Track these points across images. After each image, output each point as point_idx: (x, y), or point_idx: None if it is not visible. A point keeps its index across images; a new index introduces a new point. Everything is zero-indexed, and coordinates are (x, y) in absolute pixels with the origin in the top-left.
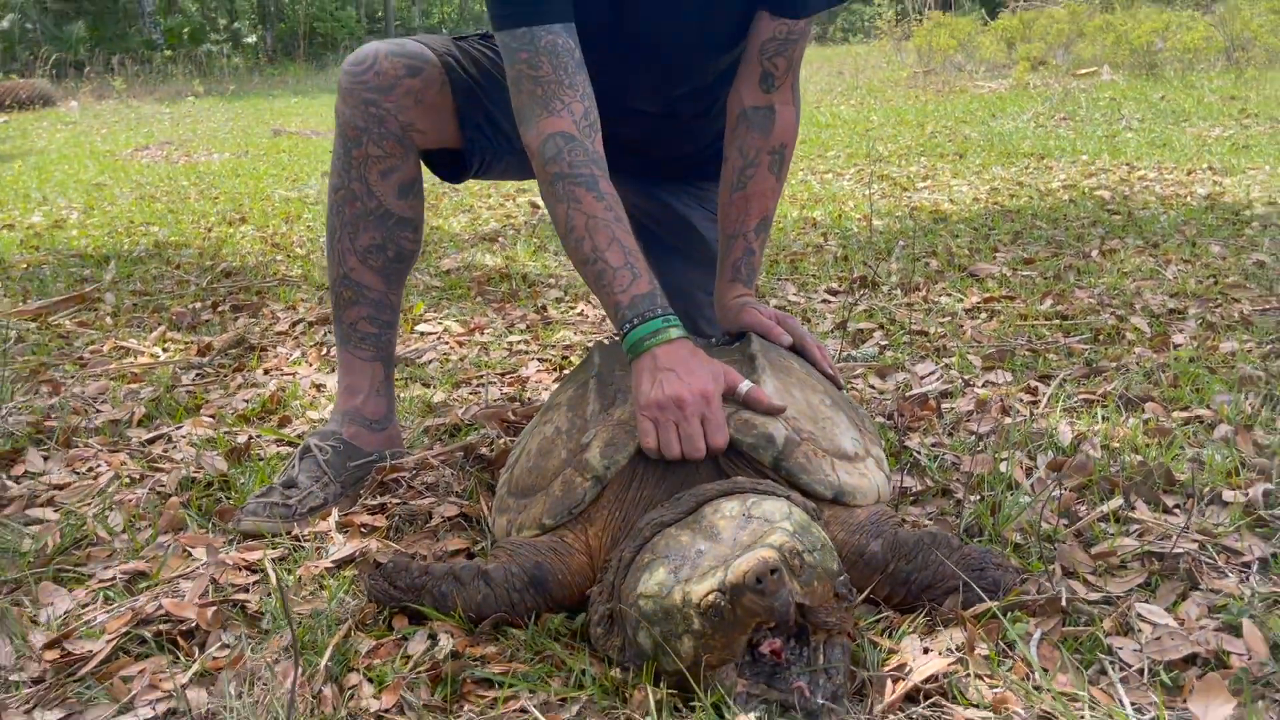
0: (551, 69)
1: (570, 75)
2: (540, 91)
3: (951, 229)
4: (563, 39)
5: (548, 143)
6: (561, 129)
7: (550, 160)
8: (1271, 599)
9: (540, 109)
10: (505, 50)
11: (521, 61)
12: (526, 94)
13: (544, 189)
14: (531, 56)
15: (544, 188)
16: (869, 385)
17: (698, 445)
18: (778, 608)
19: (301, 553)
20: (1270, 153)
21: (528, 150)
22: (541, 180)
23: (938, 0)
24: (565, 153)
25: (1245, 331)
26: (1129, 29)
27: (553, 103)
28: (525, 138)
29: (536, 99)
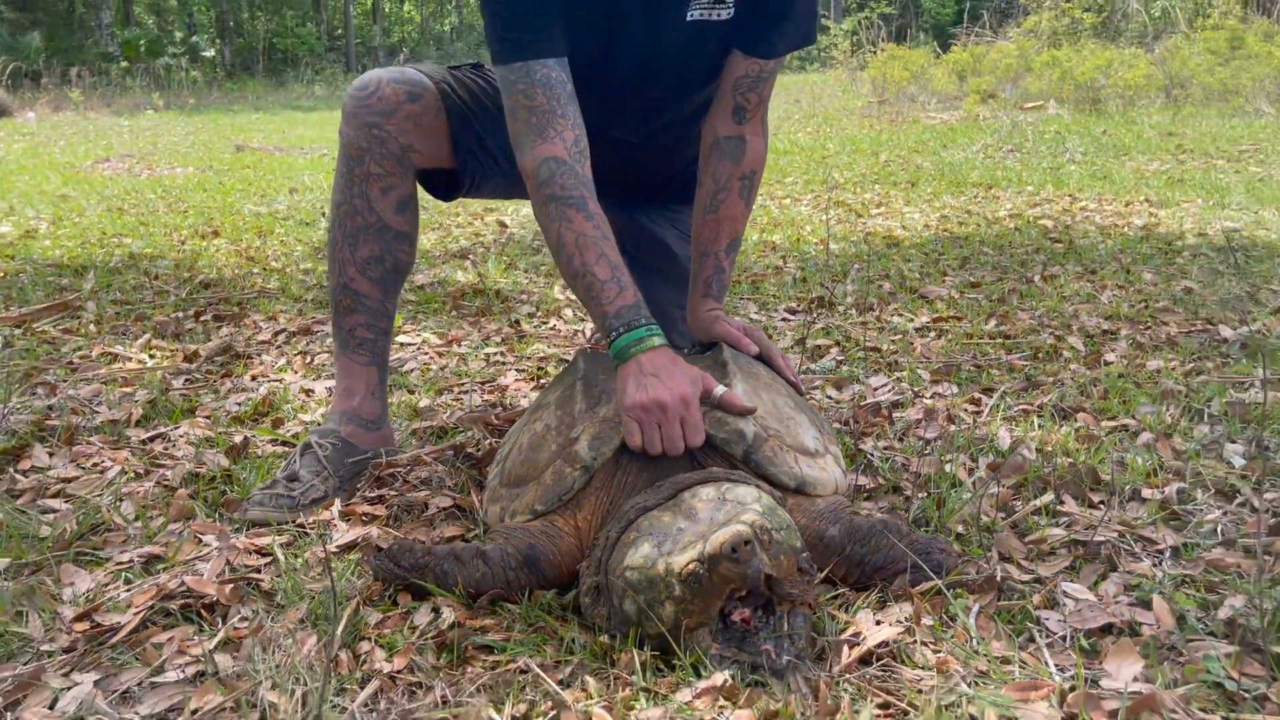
0: (546, 100)
1: (563, 106)
2: (535, 120)
3: (903, 254)
4: (556, 72)
5: (542, 166)
6: (555, 154)
7: (545, 183)
8: (1179, 579)
9: (536, 136)
10: (503, 81)
11: (519, 92)
12: (523, 122)
13: (538, 208)
14: (528, 88)
15: (538, 207)
16: (827, 395)
17: (678, 444)
18: (750, 575)
19: (307, 539)
20: (1203, 187)
21: (523, 172)
22: (535, 200)
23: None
24: (558, 176)
25: (1171, 351)
26: (1074, 65)
27: (547, 130)
28: (521, 161)
29: (532, 127)
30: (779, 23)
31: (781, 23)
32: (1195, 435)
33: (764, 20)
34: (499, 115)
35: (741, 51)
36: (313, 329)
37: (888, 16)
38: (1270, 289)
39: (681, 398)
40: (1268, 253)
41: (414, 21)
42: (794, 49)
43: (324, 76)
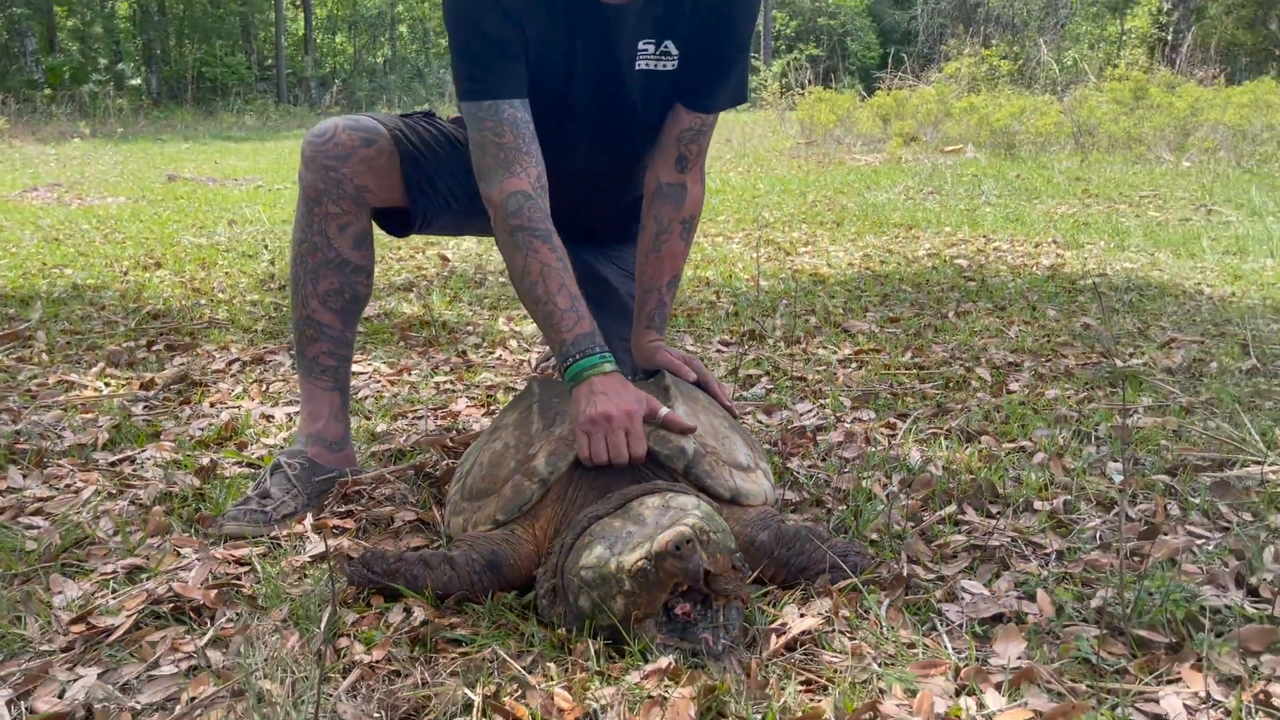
0: (513, 137)
1: (527, 144)
2: (503, 156)
3: (829, 290)
4: (521, 113)
5: (510, 200)
6: (521, 189)
7: (512, 214)
8: (1061, 576)
9: (503, 171)
10: (471, 118)
11: (487, 129)
12: (490, 157)
13: (503, 237)
14: (496, 125)
15: (504, 236)
16: (758, 420)
17: (622, 454)
18: (691, 570)
19: (281, 550)
20: (1106, 230)
21: (489, 203)
22: (501, 230)
23: (819, 74)
24: (525, 209)
25: (1068, 381)
26: (990, 112)
27: (514, 166)
28: (487, 193)
29: (499, 162)
30: (719, 81)
31: (721, 81)
32: (1083, 455)
33: (705, 77)
34: (448, 158)
35: (685, 106)
36: (265, 358)
37: (815, 58)
38: (1160, 325)
39: (626, 412)
40: (1159, 292)
41: (346, 53)
42: (731, 105)
43: (254, 107)
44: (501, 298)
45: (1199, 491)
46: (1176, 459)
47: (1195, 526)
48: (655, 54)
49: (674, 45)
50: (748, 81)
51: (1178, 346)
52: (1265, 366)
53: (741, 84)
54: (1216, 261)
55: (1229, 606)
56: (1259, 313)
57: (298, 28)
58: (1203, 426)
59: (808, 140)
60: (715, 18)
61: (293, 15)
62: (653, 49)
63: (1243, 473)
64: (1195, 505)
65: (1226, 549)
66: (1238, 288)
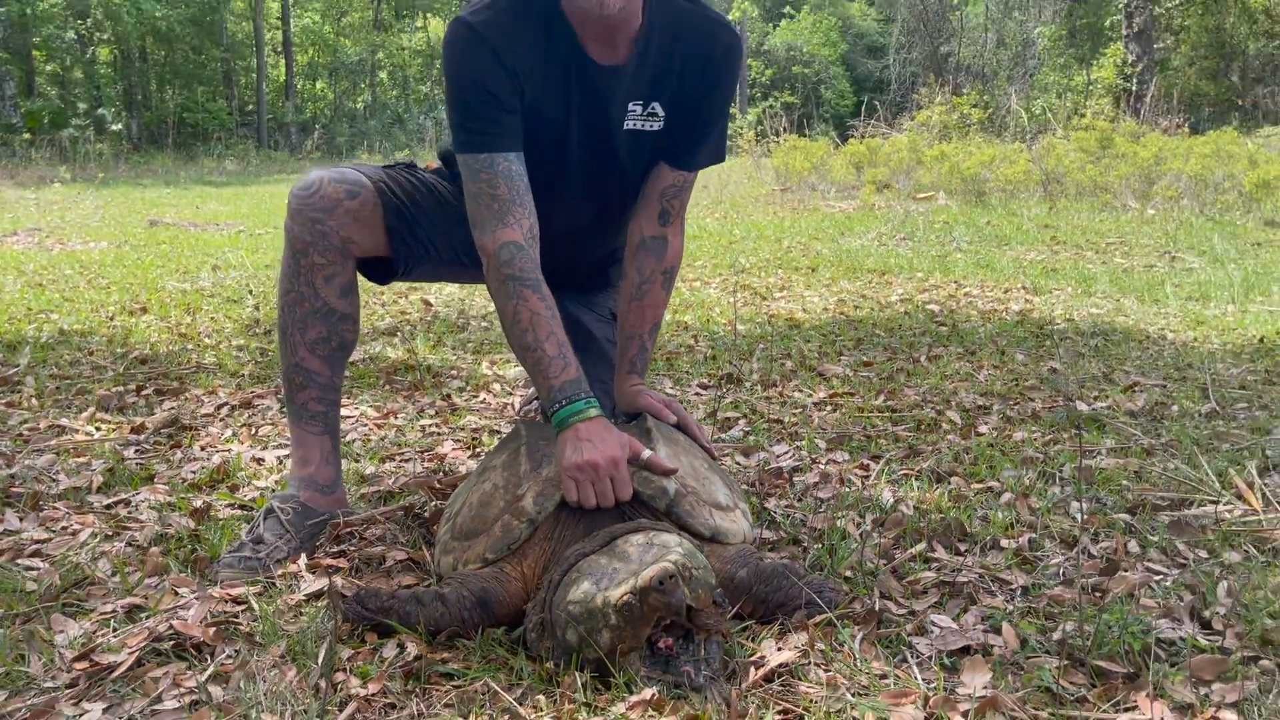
0: (507, 190)
1: (521, 196)
2: (497, 207)
3: (804, 335)
4: (516, 165)
5: (503, 249)
6: (514, 239)
7: (505, 264)
8: (1025, 610)
9: (497, 221)
10: (467, 169)
11: (483, 180)
12: (485, 207)
13: (495, 285)
14: (491, 178)
15: (496, 284)
16: (736, 461)
17: (609, 498)
18: (674, 604)
19: (277, 589)
20: (1072, 276)
21: (483, 252)
22: (493, 278)
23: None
24: (517, 259)
25: (1035, 424)
26: (961, 160)
27: (507, 217)
28: (481, 241)
29: (494, 212)
30: (700, 142)
31: (702, 142)
32: (1048, 495)
33: (687, 138)
34: (430, 209)
35: (667, 164)
36: (253, 402)
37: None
38: (1124, 370)
39: (611, 459)
40: (1124, 337)
41: (326, 99)
42: (710, 164)
43: (235, 152)
44: (484, 342)
45: (1158, 530)
46: (1137, 499)
47: (1153, 563)
48: (643, 114)
49: (660, 107)
50: (726, 142)
51: (1140, 390)
52: (1223, 410)
53: (720, 144)
54: (1179, 307)
55: (1183, 638)
56: (1219, 357)
57: (279, 74)
58: (1162, 468)
59: (783, 187)
60: (699, 83)
61: (274, 62)
62: (640, 110)
63: (1199, 512)
64: (1154, 543)
65: (1182, 584)
66: (1199, 333)
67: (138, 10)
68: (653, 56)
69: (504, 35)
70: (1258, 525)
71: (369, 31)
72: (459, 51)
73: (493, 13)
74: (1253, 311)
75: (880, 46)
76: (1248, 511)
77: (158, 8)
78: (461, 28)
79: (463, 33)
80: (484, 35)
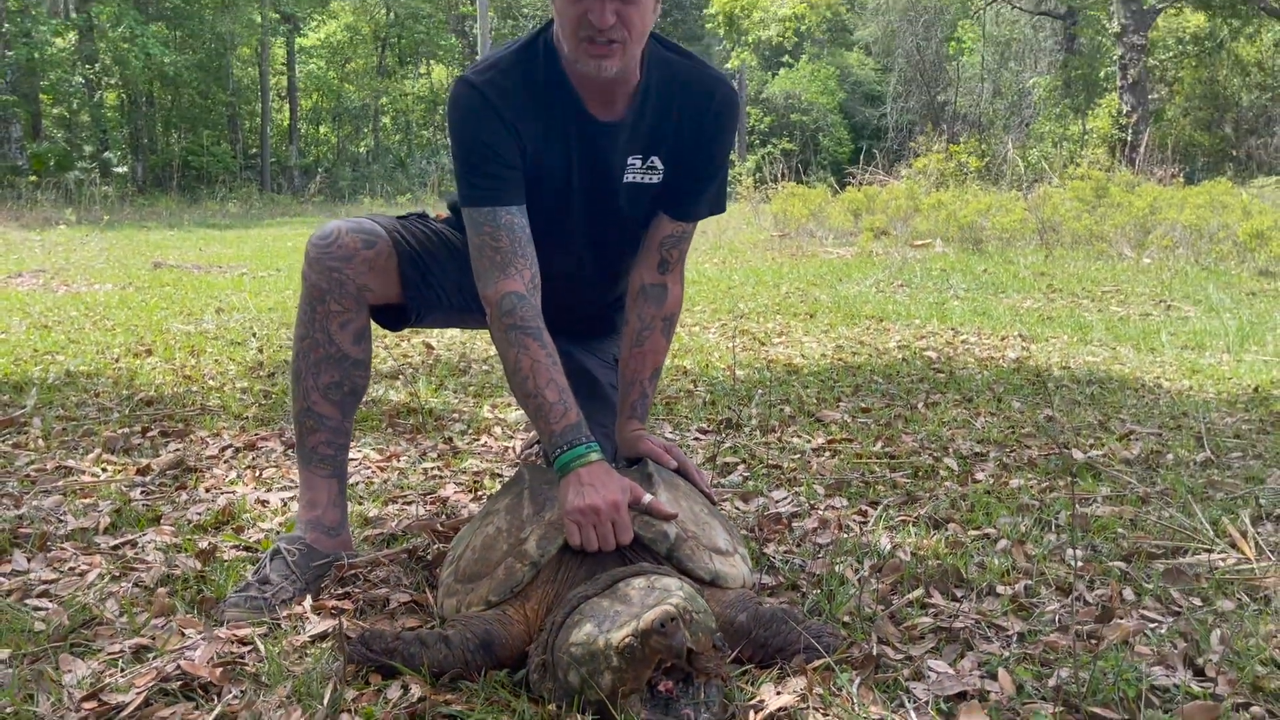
0: (509, 242)
1: (523, 247)
2: (499, 259)
3: (802, 380)
4: (518, 218)
5: (505, 299)
6: (515, 289)
7: (507, 313)
8: (1022, 656)
9: (499, 273)
10: (471, 222)
11: (485, 234)
12: (487, 259)
13: (497, 334)
14: (494, 230)
15: (498, 334)
16: (735, 506)
17: (610, 542)
18: (675, 647)
19: (282, 630)
20: (1069, 324)
21: (485, 302)
22: (496, 327)
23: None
24: (519, 308)
25: (1030, 471)
26: (958, 208)
27: (509, 268)
28: (484, 292)
29: (496, 264)
30: (699, 193)
31: (701, 194)
32: (1044, 542)
33: (687, 189)
34: (442, 258)
35: (667, 215)
36: (257, 444)
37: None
38: (1120, 418)
39: (613, 503)
40: (1120, 385)
41: (330, 143)
42: (709, 215)
43: (238, 195)
44: (486, 385)
45: (1152, 577)
46: (1132, 546)
47: (1148, 610)
48: (642, 168)
49: (659, 160)
50: (726, 193)
51: (1136, 438)
52: (1218, 459)
53: (720, 195)
54: (1175, 356)
55: (1177, 685)
56: (1214, 406)
57: (283, 118)
58: (1157, 516)
59: (781, 233)
60: (697, 136)
61: (278, 106)
62: (640, 163)
63: (1193, 560)
64: (1148, 590)
65: (1176, 631)
66: (1195, 381)
67: (146, 55)
68: (651, 112)
69: (506, 95)
70: (1250, 574)
71: (373, 77)
72: (463, 110)
73: (495, 72)
74: (1247, 361)
75: (878, 95)
76: (1241, 560)
77: (166, 53)
78: (466, 87)
79: (467, 92)
80: (487, 95)
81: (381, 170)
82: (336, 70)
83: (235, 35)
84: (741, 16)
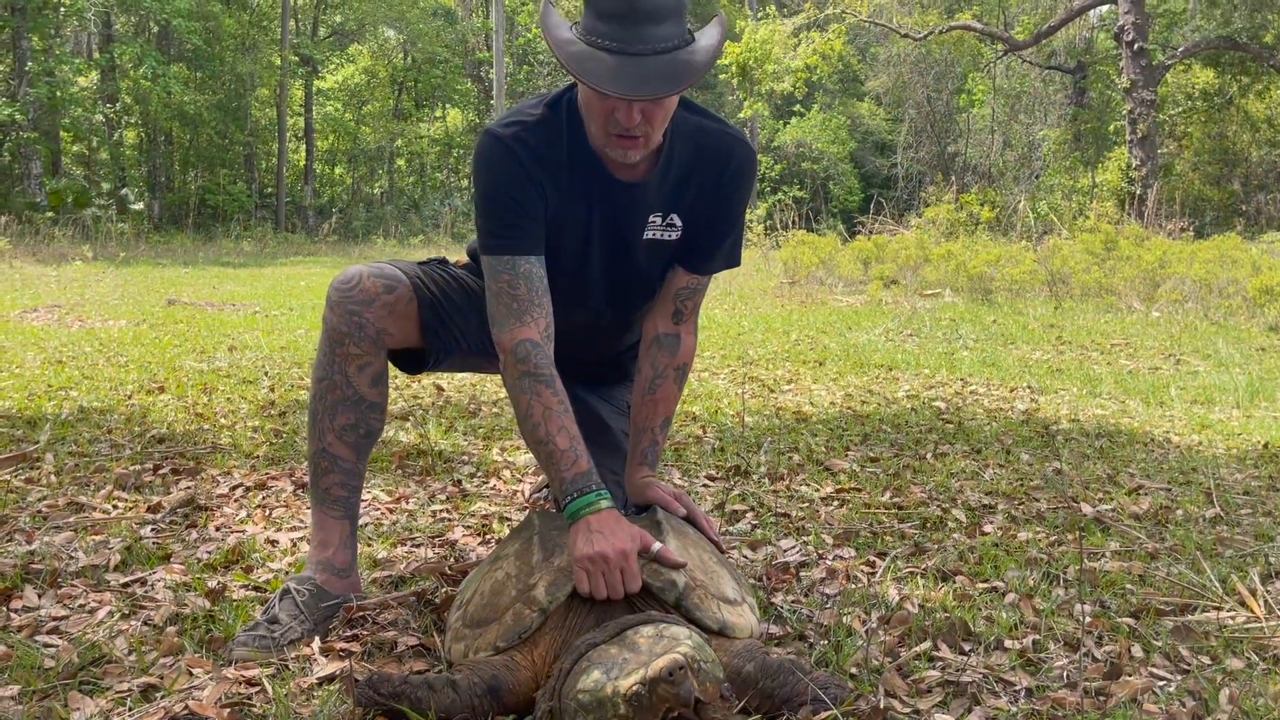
0: (526, 291)
1: (539, 296)
2: (517, 306)
3: (811, 428)
4: (537, 268)
5: (519, 346)
6: (531, 337)
7: (521, 360)
8: (1029, 712)
9: (515, 320)
10: (490, 269)
11: (504, 281)
12: (504, 306)
13: (511, 381)
14: (512, 279)
15: (512, 380)
16: (743, 554)
17: (618, 590)
18: (683, 695)
19: (290, 672)
20: (1078, 377)
21: (500, 348)
22: (510, 374)
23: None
24: (533, 355)
25: (1039, 524)
26: (967, 258)
27: (525, 316)
28: (499, 338)
29: (513, 311)
30: (715, 248)
31: (718, 249)
32: (1052, 597)
33: (704, 245)
34: (461, 304)
35: (684, 269)
36: (268, 484)
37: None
38: (1129, 472)
39: (621, 552)
40: (1129, 439)
41: (344, 184)
42: (724, 269)
43: (253, 234)
44: (495, 428)
45: (1161, 634)
46: (1141, 602)
47: (1157, 668)
48: (662, 225)
49: (678, 218)
50: (741, 247)
51: (1145, 493)
52: (1227, 515)
53: (735, 250)
54: (1184, 410)
55: None
56: (1223, 462)
57: (299, 159)
58: (1166, 572)
59: (791, 280)
60: (716, 195)
61: (295, 147)
62: (660, 221)
63: (1202, 618)
64: (1157, 648)
65: (1185, 690)
66: (1204, 436)
67: (167, 94)
68: (673, 172)
69: (531, 149)
70: (1260, 632)
71: (389, 120)
72: (488, 161)
73: (521, 127)
74: (1257, 416)
75: (888, 144)
76: (1250, 619)
77: (186, 93)
78: (492, 140)
79: (492, 144)
80: (512, 148)
81: (395, 212)
82: (353, 112)
83: (255, 76)
84: (754, 68)
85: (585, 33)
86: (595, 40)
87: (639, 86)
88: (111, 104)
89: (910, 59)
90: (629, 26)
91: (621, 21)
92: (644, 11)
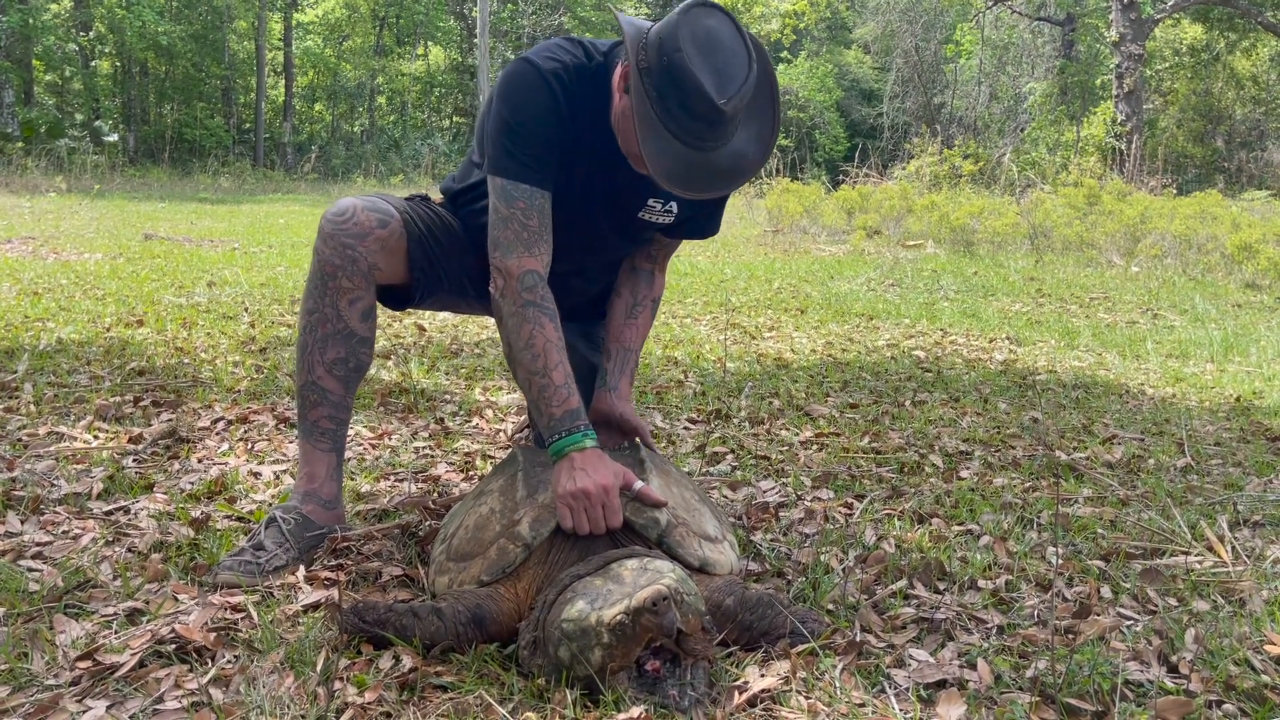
0: (538, 223)
1: (548, 231)
2: (527, 236)
3: (792, 375)
4: (548, 205)
5: (527, 275)
6: (536, 269)
7: (529, 289)
8: (1000, 648)
9: (524, 248)
10: (503, 193)
11: (518, 208)
12: (513, 233)
13: (513, 309)
14: (527, 208)
15: (513, 306)
16: (723, 495)
17: (600, 525)
18: (666, 625)
19: (275, 599)
20: (1056, 329)
21: (502, 273)
22: (512, 300)
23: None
24: (538, 286)
25: (1015, 471)
26: (950, 210)
27: (534, 248)
28: (503, 262)
29: (522, 240)
30: (700, 226)
31: (701, 225)
32: (1025, 540)
33: (690, 222)
34: (446, 243)
35: (665, 236)
36: (249, 418)
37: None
38: (1104, 422)
39: (604, 488)
40: (1105, 390)
41: (324, 121)
42: (701, 239)
43: (231, 169)
44: (478, 369)
45: (1130, 577)
46: (1111, 546)
47: (1125, 608)
48: (660, 210)
49: (676, 205)
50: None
51: (1119, 443)
52: (1198, 465)
53: (715, 223)
54: (1160, 364)
55: (1151, 681)
56: (1196, 414)
57: (278, 94)
58: (1137, 518)
59: (775, 229)
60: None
61: (274, 82)
62: (659, 207)
63: (1171, 562)
64: (1126, 589)
65: (1152, 630)
66: (1178, 389)
67: (141, 24)
68: None
69: (568, 92)
70: (1226, 577)
71: (369, 56)
72: (522, 85)
73: (562, 67)
74: (1230, 371)
75: (875, 93)
76: (1217, 563)
77: (161, 23)
78: (533, 69)
79: (529, 70)
80: (549, 82)
81: (375, 150)
82: (333, 48)
83: (232, 8)
84: (743, 10)
85: (664, 115)
86: (672, 128)
87: (704, 188)
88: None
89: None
90: (715, 127)
91: (709, 123)
92: (729, 115)
